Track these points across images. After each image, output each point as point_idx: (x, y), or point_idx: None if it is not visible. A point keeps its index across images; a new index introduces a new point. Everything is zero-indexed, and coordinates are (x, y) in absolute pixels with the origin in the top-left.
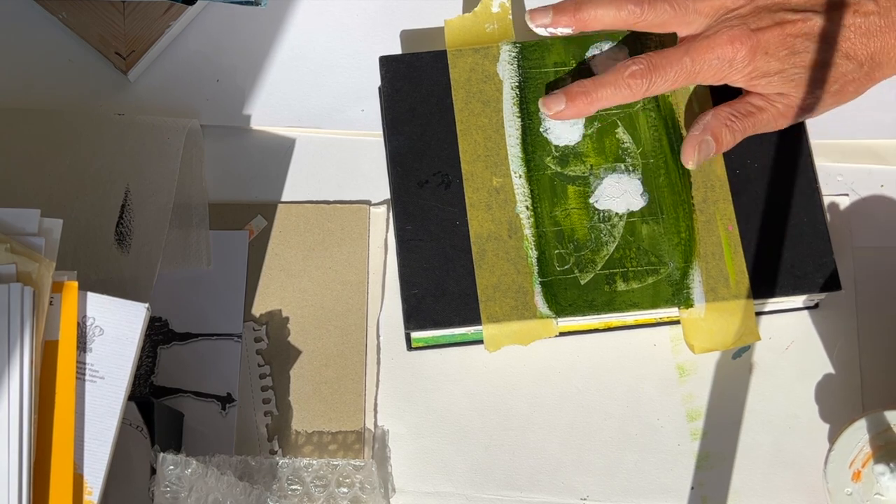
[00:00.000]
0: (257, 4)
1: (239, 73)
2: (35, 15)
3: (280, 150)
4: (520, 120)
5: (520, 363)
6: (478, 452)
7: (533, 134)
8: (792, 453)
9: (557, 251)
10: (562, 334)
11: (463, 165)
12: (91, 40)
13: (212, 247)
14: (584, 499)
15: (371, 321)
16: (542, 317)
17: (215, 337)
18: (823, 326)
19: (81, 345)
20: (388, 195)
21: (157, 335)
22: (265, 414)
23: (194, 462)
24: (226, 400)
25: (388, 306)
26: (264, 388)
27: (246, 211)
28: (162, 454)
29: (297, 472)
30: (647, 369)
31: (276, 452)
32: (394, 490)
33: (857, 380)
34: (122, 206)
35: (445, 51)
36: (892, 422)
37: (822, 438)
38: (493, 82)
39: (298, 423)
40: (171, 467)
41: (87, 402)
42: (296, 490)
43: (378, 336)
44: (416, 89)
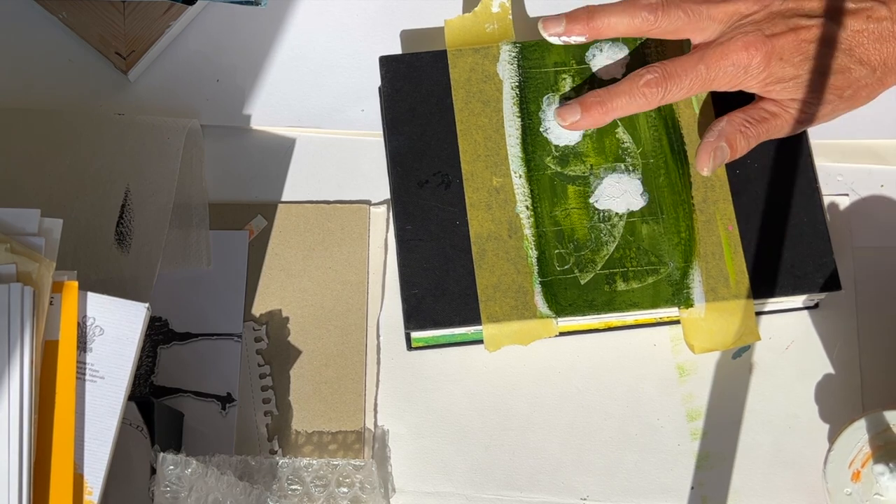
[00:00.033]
0: (257, 4)
1: (239, 73)
2: (35, 15)
3: (280, 150)
4: (520, 120)
5: (520, 363)
6: (478, 452)
7: (533, 134)
8: (792, 453)
9: (557, 251)
10: (562, 334)
11: (463, 165)
12: (91, 40)
13: (212, 247)
14: (584, 499)
15: (371, 321)
16: (542, 317)
17: (215, 337)
18: (823, 326)
19: (81, 345)
20: (388, 195)
21: (157, 335)
22: (265, 414)
23: (194, 462)
24: (226, 400)
25: (388, 306)
26: (264, 388)
27: (246, 211)
28: (162, 454)
29: (297, 471)
30: (647, 369)
31: (276, 452)
32: (394, 490)
33: (857, 380)
34: (122, 206)
35: (445, 51)
36: (892, 422)
37: (822, 438)
38: (493, 82)
39: (298, 423)
40: (171, 467)
41: (87, 402)
42: (296, 490)
43: (378, 336)
44: (416, 89)
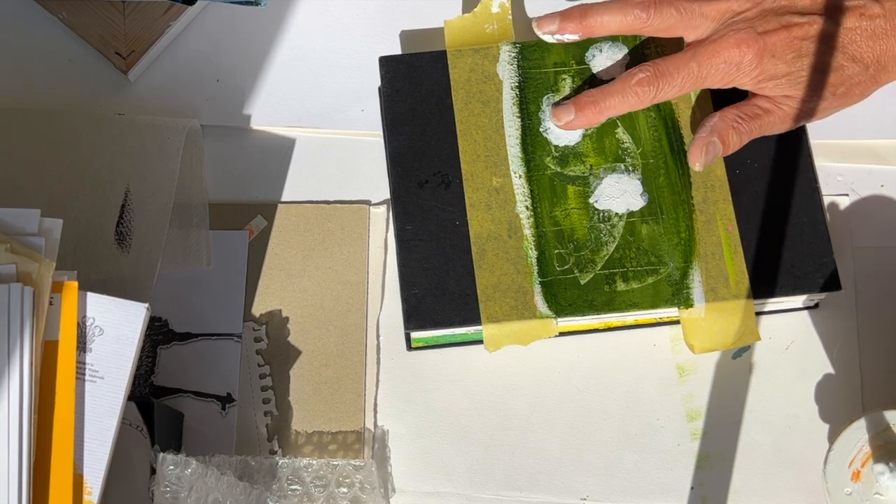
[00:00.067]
0: (257, 4)
1: (239, 73)
2: (35, 15)
3: (280, 150)
4: (519, 120)
5: (520, 363)
6: (478, 452)
7: (533, 134)
8: (792, 453)
9: (557, 251)
10: (562, 334)
11: (463, 165)
12: (91, 40)
13: (212, 247)
14: (584, 499)
15: (371, 321)
16: (541, 317)
17: (215, 337)
18: (823, 326)
19: (81, 345)
20: (388, 195)
21: (157, 335)
22: (265, 414)
23: (194, 462)
24: (226, 400)
25: (388, 306)
26: (264, 388)
27: (246, 211)
28: (162, 454)
29: (297, 472)
30: (647, 369)
31: (276, 452)
32: (394, 490)
33: (857, 380)
34: (122, 206)
35: (445, 51)
36: (892, 421)
37: (822, 438)
38: (492, 82)
39: (298, 423)
40: (171, 467)
41: (87, 402)
42: (296, 490)
43: (378, 336)
44: (416, 89)
